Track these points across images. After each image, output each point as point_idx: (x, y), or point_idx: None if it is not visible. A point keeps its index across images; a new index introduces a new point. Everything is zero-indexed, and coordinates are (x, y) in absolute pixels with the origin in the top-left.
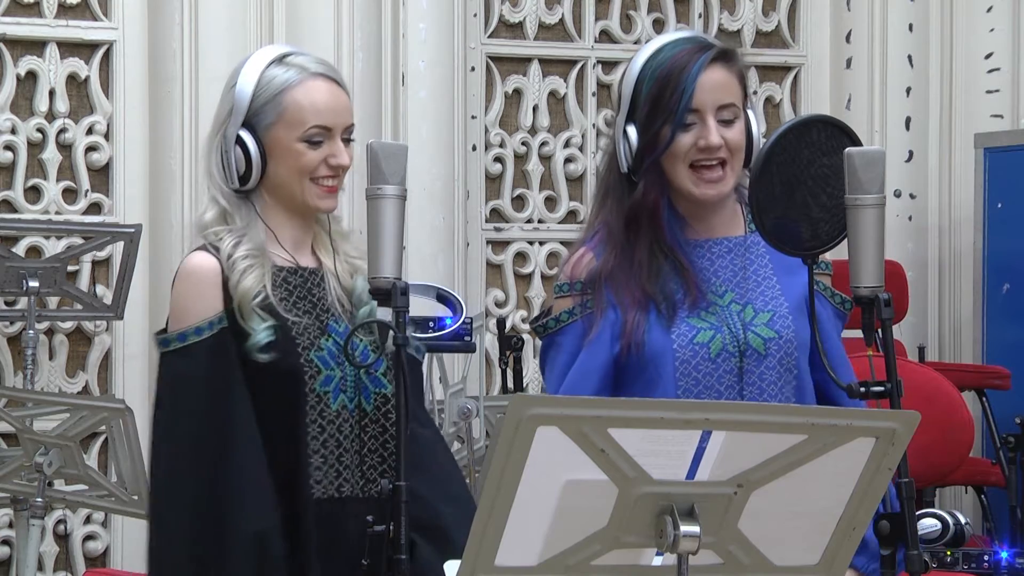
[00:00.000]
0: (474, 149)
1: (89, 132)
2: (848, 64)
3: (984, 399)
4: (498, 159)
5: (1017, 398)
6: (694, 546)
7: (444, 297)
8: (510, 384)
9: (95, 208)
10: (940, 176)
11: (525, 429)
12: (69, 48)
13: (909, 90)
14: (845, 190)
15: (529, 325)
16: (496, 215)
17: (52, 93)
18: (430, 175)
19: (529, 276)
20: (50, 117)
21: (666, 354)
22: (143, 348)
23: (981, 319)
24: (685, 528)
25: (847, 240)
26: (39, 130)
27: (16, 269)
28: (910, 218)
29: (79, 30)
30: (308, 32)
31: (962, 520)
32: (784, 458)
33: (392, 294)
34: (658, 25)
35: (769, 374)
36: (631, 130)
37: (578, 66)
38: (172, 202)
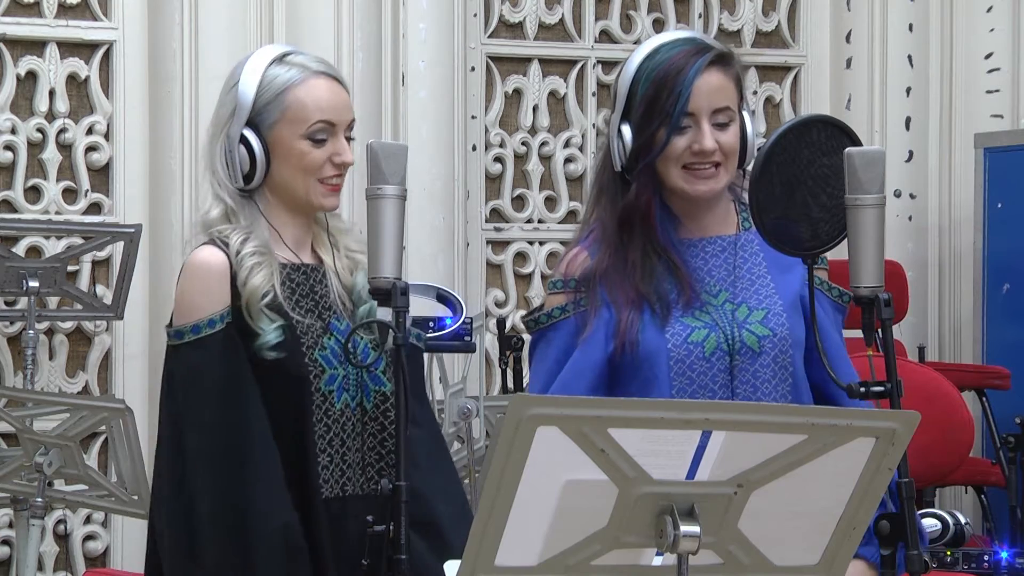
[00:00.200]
0: (474, 149)
1: (89, 132)
2: (848, 64)
3: (984, 399)
4: (498, 159)
5: (1017, 398)
6: (694, 546)
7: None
8: (510, 384)
9: (95, 208)
10: (940, 176)
11: (525, 429)
12: (69, 48)
13: (909, 90)
14: (845, 190)
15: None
16: (496, 215)
17: (52, 93)
18: (430, 175)
19: (529, 276)
20: (50, 117)
21: (660, 353)
22: (143, 348)
23: (981, 319)
24: (685, 528)
25: (847, 240)
26: (39, 130)
27: (16, 269)
28: (910, 218)
29: (79, 30)
30: (308, 32)
31: (962, 520)
32: (784, 458)
33: (392, 294)
34: (658, 25)
35: (763, 372)
36: (626, 129)
37: (578, 66)
38: (172, 202)
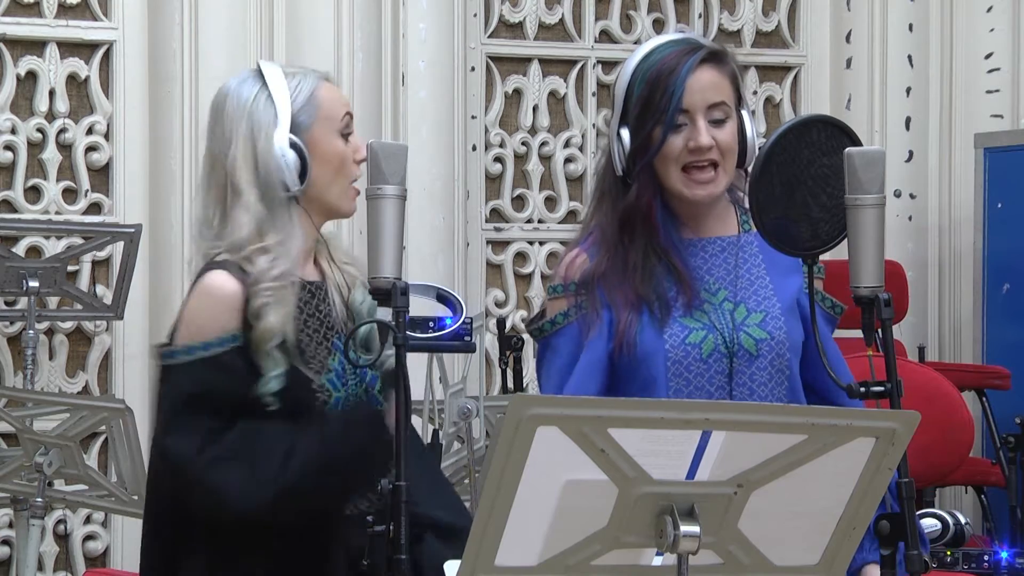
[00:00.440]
0: (474, 149)
1: (89, 132)
2: (848, 64)
3: (984, 399)
4: (498, 159)
5: (1017, 398)
6: (694, 546)
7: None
8: (510, 384)
9: (95, 208)
10: (940, 176)
11: (525, 429)
12: (69, 48)
13: (909, 90)
14: (845, 190)
15: (525, 327)
16: (496, 215)
17: (52, 93)
18: (430, 175)
19: (529, 276)
20: (50, 117)
21: (658, 354)
22: (143, 348)
23: (981, 319)
24: (685, 528)
25: (847, 240)
26: (39, 130)
27: (16, 269)
28: (910, 218)
29: (79, 30)
30: (308, 32)
31: (962, 520)
32: (784, 458)
33: (392, 294)
34: (658, 25)
35: (760, 375)
36: (624, 133)
37: (578, 66)
38: (172, 202)
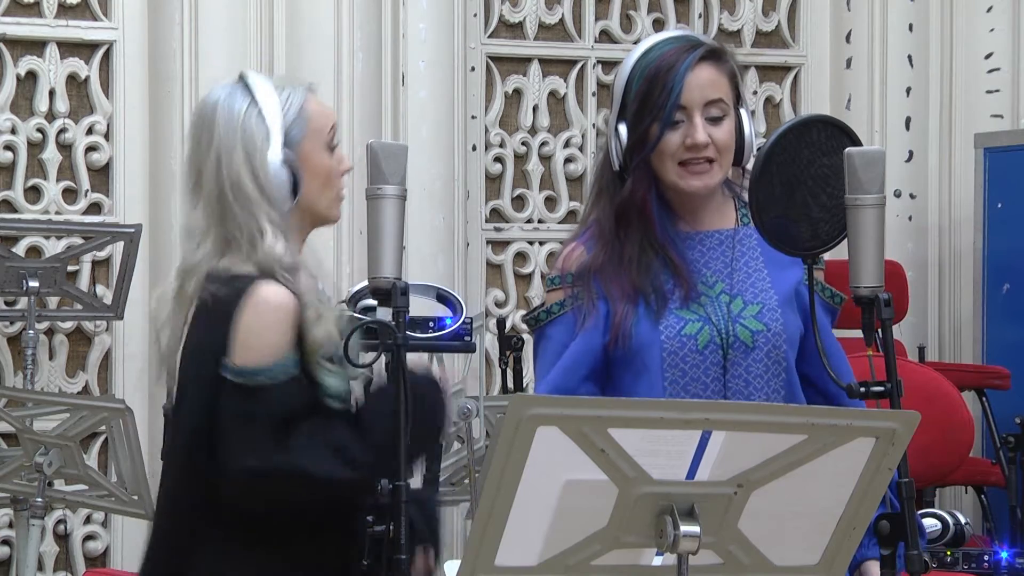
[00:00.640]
0: (474, 149)
1: (89, 132)
2: (848, 64)
3: (984, 399)
4: (498, 159)
5: (1017, 398)
6: (694, 546)
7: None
8: (510, 384)
9: (95, 208)
10: (940, 176)
11: (525, 429)
12: (69, 48)
13: (909, 90)
14: (845, 190)
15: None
16: (496, 215)
17: (52, 93)
18: (430, 175)
19: (529, 276)
20: (50, 117)
21: (653, 346)
22: (143, 348)
23: (981, 319)
24: (685, 528)
25: (847, 240)
26: (39, 130)
27: (16, 269)
28: (910, 218)
29: (79, 30)
30: (308, 32)
31: (962, 520)
32: (784, 458)
33: (392, 294)
34: (658, 25)
35: (756, 367)
36: (622, 128)
37: (578, 66)
38: (172, 202)
